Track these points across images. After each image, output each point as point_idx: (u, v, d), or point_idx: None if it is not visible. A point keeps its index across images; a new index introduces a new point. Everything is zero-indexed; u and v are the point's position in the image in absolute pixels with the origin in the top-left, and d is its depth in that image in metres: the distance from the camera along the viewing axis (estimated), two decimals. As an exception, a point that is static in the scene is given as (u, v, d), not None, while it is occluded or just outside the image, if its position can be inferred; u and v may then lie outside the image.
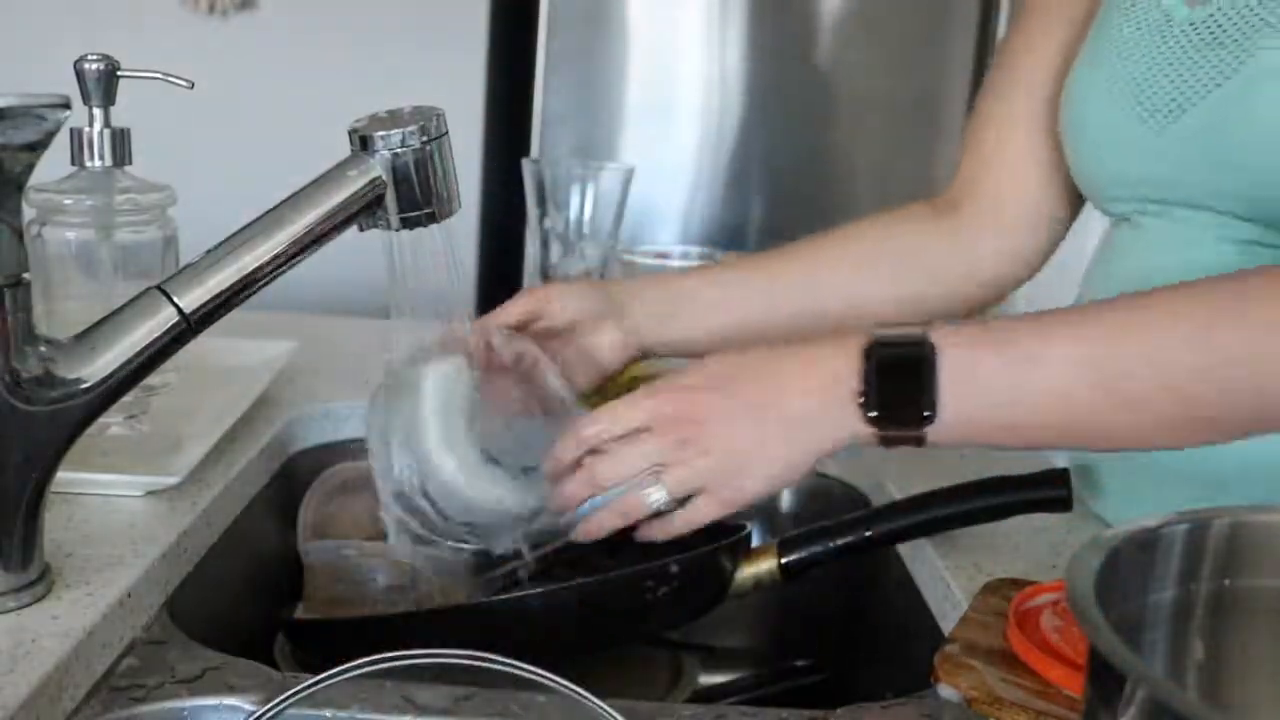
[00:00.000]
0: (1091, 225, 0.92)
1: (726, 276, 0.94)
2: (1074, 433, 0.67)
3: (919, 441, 0.66)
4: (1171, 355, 0.62)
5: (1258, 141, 0.71)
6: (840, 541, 0.78)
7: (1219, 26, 0.73)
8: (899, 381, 0.65)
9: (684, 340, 0.89)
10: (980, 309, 0.95)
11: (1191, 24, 0.75)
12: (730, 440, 0.69)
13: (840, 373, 0.66)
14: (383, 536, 0.97)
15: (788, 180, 2.21)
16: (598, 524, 0.75)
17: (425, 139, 0.72)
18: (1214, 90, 0.73)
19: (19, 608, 0.62)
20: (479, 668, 0.51)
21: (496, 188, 2.23)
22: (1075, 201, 0.91)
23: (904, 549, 0.85)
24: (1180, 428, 0.64)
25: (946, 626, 0.74)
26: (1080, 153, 0.84)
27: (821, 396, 0.67)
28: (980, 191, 0.93)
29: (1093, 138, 0.82)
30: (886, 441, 0.67)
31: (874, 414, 0.66)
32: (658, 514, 0.73)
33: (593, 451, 0.72)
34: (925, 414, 0.65)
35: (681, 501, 0.72)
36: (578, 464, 0.73)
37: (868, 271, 0.93)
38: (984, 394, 0.65)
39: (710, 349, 0.75)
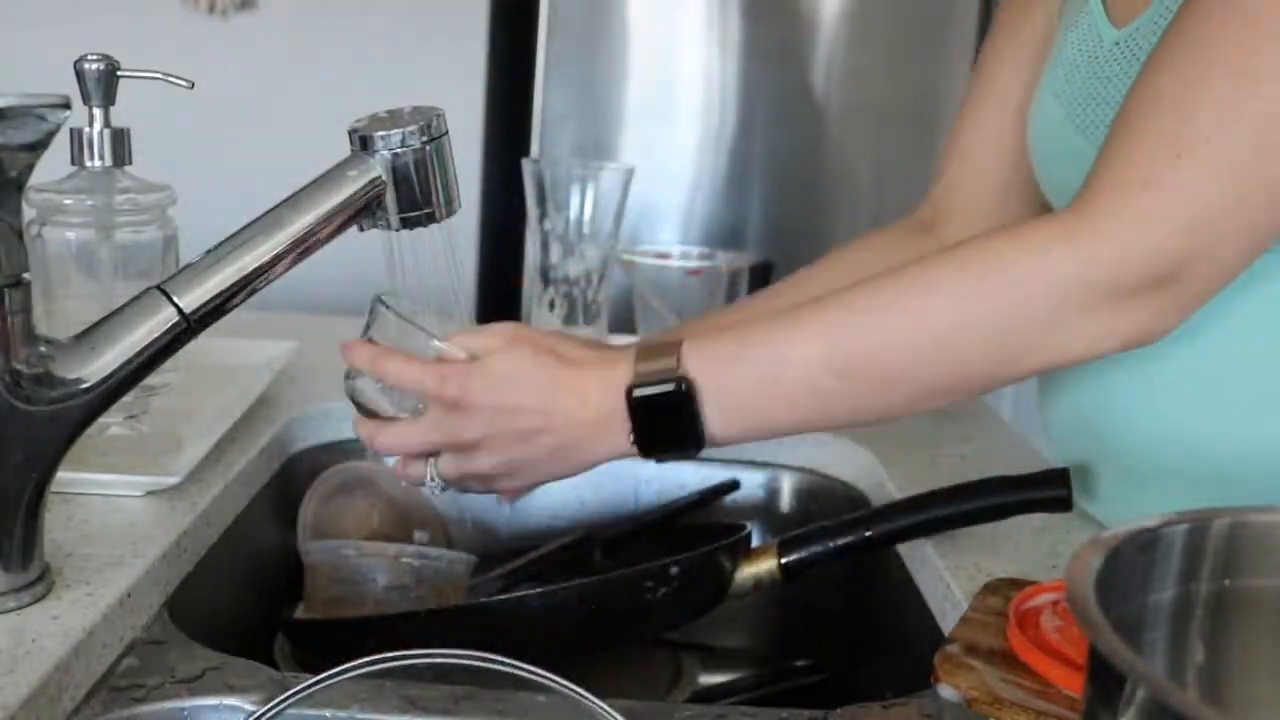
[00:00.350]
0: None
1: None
2: (831, 417, 0.73)
3: (690, 456, 0.73)
4: (902, 337, 0.68)
5: None
6: (840, 541, 0.78)
7: (1137, 45, 0.76)
8: (663, 425, 0.71)
9: None
10: None
11: (1117, 44, 0.78)
12: (509, 458, 0.74)
13: (610, 415, 0.72)
14: (383, 536, 0.97)
15: (787, 180, 2.21)
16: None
17: (425, 139, 0.72)
18: None
19: (19, 608, 0.62)
20: (479, 668, 0.51)
21: (496, 188, 2.23)
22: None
23: (904, 549, 0.85)
24: (923, 399, 0.71)
25: (946, 626, 0.74)
26: (1041, 171, 0.87)
27: (595, 431, 0.73)
28: (958, 205, 0.95)
29: (1050, 156, 0.85)
30: (658, 460, 0.74)
31: (647, 451, 0.72)
32: None
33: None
34: (693, 446, 0.72)
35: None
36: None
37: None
38: (741, 409, 0.71)
39: None
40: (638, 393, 0.70)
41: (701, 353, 0.71)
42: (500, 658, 0.50)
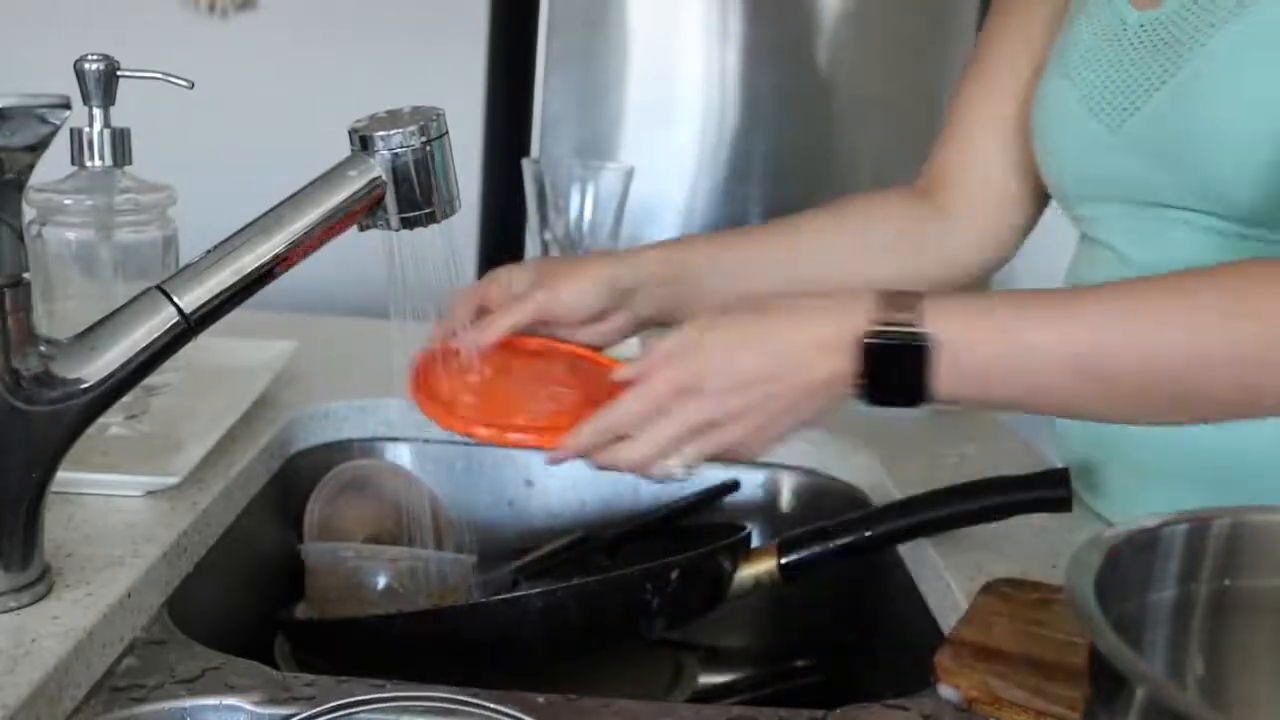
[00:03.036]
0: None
1: (729, 256, 0.93)
2: (1051, 408, 0.72)
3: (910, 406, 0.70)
4: (1155, 350, 0.65)
5: (1198, 136, 0.73)
6: (840, 542, 0.78)
7: (1165, 29, 0.76)
8: (895, 377, 0.68)
9: (685, 317, 0.89)
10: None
11: (1142, 26, 0.78)
12: (742, 425, 0.72)
13: (839, 368, 0.69)
14: (387, 535, 0.97)
15: (787, 180, 2.21)
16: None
17: (425, 139, 0.72)
18: (1160, 89, 0.76)
19: (19, 608, 0.62)
20: (477, 668, 0.51)
21: (496, 188, 2.23)
22: (1044, 192, 0.93)
23: (904, 549, 0.85)
24: (1157, 414, 0.69)
25: (946, 626, 0.74)
26: (1047, 156, 0.87)
27: (825, 387, 0.70)
28: (955, 178, 0.95)
29: (1057, 140, 0.85)
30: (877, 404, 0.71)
31: (870, 399, 0.70)
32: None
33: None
34: (916, 400, 0.69)
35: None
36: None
37: (858, 249, 0.95)
38: (973, 381, 0.68)
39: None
40: (877, 326, 0.68)
41: (948, 315, 0.68)
42: (481, 702, 0.50)
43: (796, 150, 2.20)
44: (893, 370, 0.68)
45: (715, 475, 1.02)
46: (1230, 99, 0.71)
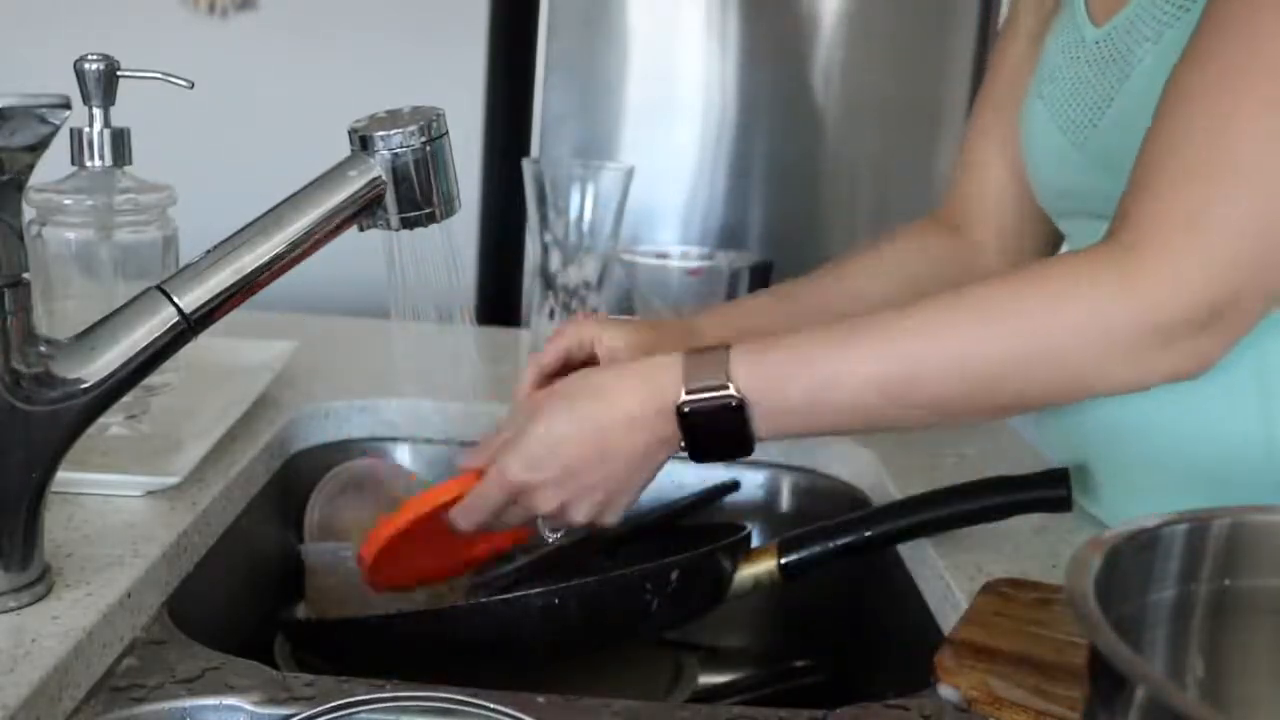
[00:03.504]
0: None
1: (772, 310, 0.95)
2: (875, 429, 0.78)
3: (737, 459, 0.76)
4: (954, 366, 0.69)
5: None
6: (840, 542, 0.78)
7: (1113, 44, 0.78)
8: (716, 440, 0.73)
9: None
10: None
11: (1097, 43, 0.79)
12: (587, 503, 0.77)
13: (664, 436, 0.74)
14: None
15: (788, 180, 2.21)
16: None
17: (425, 139, 0.72)
18: (1110, 104, 0.77)
19: (19, 608, 0.62)
20: (477, 668, 0.51)
21: (496, 188, 2.23)
22: None
23: (904, 549, 0.85)
24: (967, 420, 0.77)
25: (946, 626, 0.74)
26: (1031, 171, 0.88)
27: (649, 456, 0.75)
28: (974, 206, 0.96)
29: (1036, 157, 0.87)
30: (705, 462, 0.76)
31: (699, 459, 0.75)
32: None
33: None
34: (742, 451, 0.74)
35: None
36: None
37: (894, 291, 0.94)
38: (789, 420, 0.73)
39: None
40: (687, 408, 0.72)
41: (752, 367, 0.72)
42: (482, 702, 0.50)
43: (796, 150, 2.20)
44: (711, 431, 0.73)
45: (715, 475, 1.02)
46: None
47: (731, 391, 0.71)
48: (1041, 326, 0.67)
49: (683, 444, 0.74)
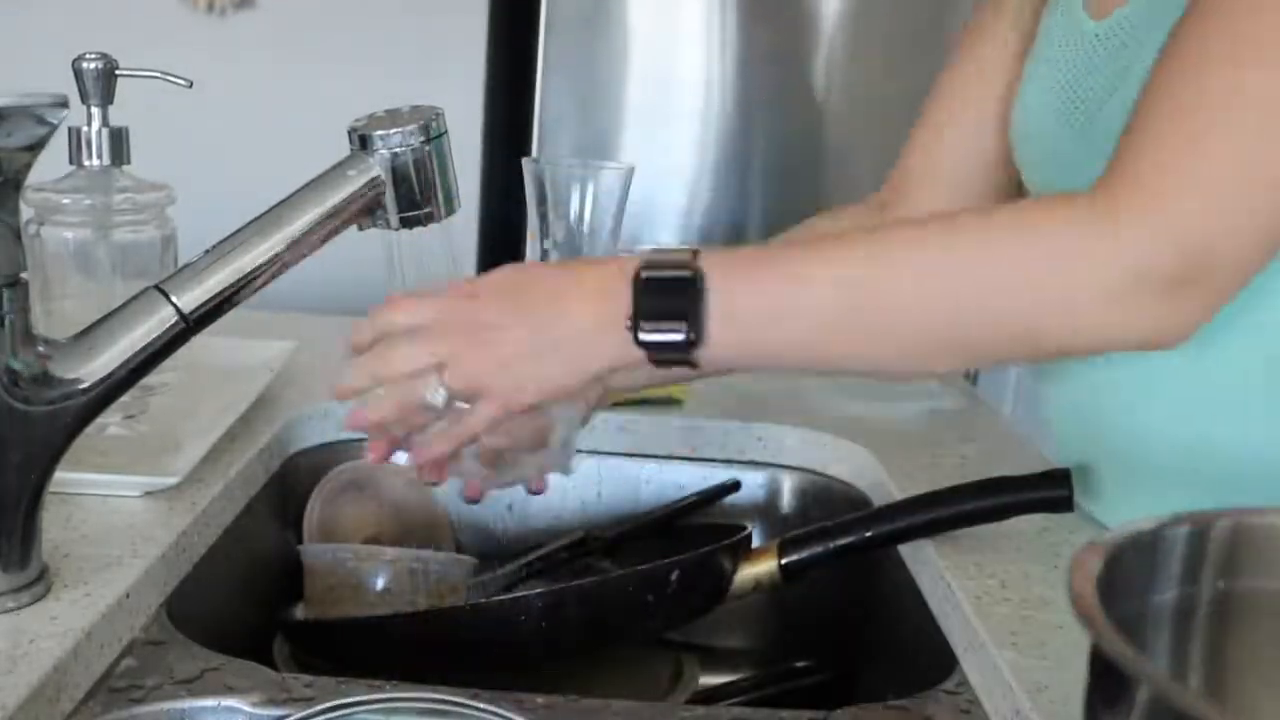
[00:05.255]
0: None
1: None
2: (830, 355, 0.70)
3: (690, 365, 0.69)
4: (918, 279, 0.66)
5: None
6: (840, 542, 0.78)
7: (1114, 37, 0.78)
8: (666, 307, 0.67)
9: None
10: None
11: (1097, 35, 0.79)
12: (510, 345, 0.69)
13: (613, 295, 0.68)
14: (387, 536, 0.97)
15: (787, 180, 2.21)
16: (376, 410, 0.73)
17: (425, 139, 0.72)
18: (1113, 95, 0.77)
19: (17, 608, 0.62)
20: (478, 669, 0.51)
21: (496, 188, 2.23)
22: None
23: (904, 549, 0.85)
24: (924, 353, 0.69)
25: (946, 626, 0.74)
26: (1025, 161, 0.88)
27: (596, 318, 0.69)
28: (916, 190, 0.96)
29: (1034, 149, 0.86)
30: (657, 363, 0.69)
31: (641, 338, 0.67)
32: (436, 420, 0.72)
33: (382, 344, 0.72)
34: (690, 343, 0.67)
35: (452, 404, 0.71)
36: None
37: None
38: (748, 319, 0.67)
39: None
40: (646, 273, 0.68)
41: (719, 256, 0.68)
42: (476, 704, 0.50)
43: (796, 150, 2.20)
44: (664, 304, 0.67)
45: (716, 475, 1.02)
46: None
47: (697, 265, 0.67)
48: (1009, 252, 0.65)
49: (629, 319, 0.67)
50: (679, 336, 0.67)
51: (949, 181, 0.94)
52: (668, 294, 0.67)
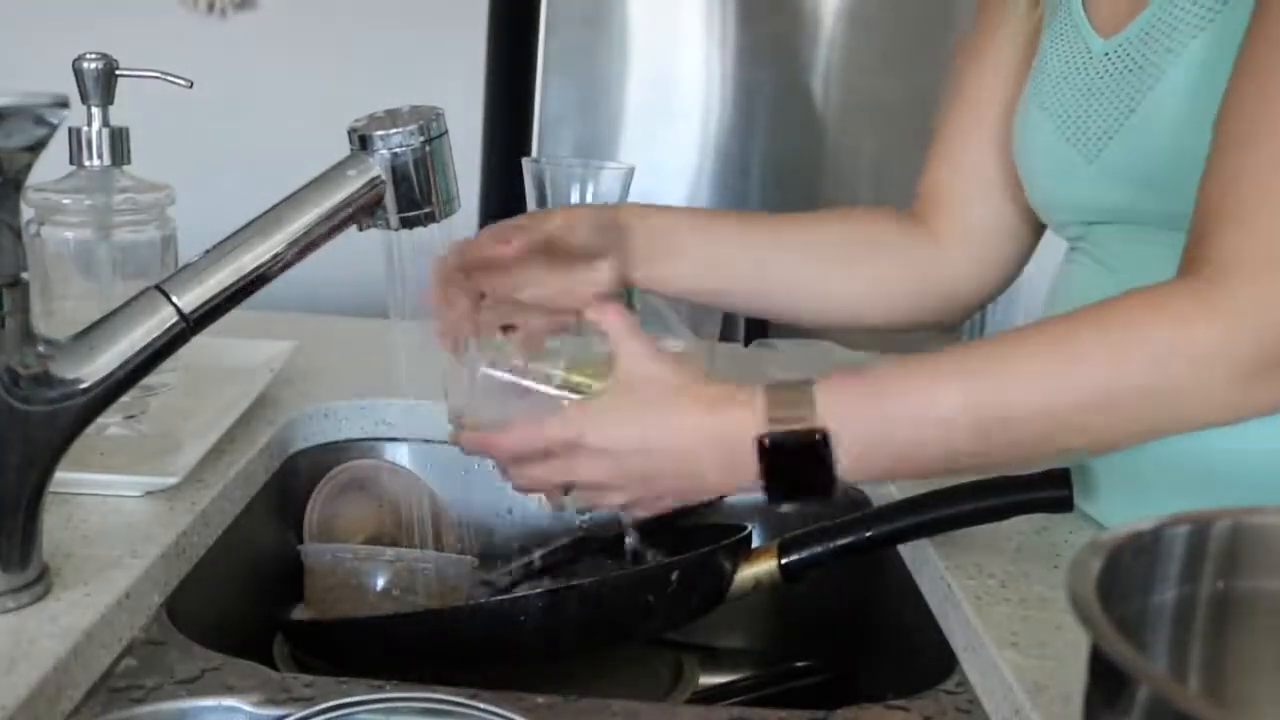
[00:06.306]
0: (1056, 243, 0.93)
1: (717, 231, 0.95)
2: (960, 467, 0.73)
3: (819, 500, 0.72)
4: (1043, 404, 0.66)
5: (1170, 160, 0.74)
6: (840, 542, 0.78)
7: (1129, 55, 0.76)
8: (795, 478, 0.69)
9: (661, 280, 0.94)
10: (950, 325, 0.98)
11: (1106, 54, 0.78)
12: (671, 497, 0.74)
13: (740, 466, 0.69)
14: (387, 536, 0.97)
15: (788, 180, 2.21)
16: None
17: (424, 139, 0.72)
18: (1130, 116, 0.76)
19: (18, 608, 0.62)
20: (477, 669, 0.51)
21: (496, 188, 2.23)
22: (1038, 219, 0.93)
23: (905, 549, 0.85)
24: (1054, 457, 0.74)
25: (947, 626, 0.74)
26: (1030, 182, 0.87)
27: (731, 482, 0.72)
28: (946, 206, 0.95)
29: (1039, 168, 0.85)
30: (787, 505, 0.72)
31: (775, 500, 0.71)
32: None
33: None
34: (823, 491, 0.69)
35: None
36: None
37: (841, 258, 0.96)
38: (876, 459, 0.69)
39: (681, 291, 0.92)
40: (772, 427, 0.68)
41: (838, 401, 0.69)
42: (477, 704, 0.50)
43: (796, 150, 2.20)
44: (794, 468, 0.69)
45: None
46: (1196, 121, 0.71)
47: (818, 423, 0.68)
48: (1127, 361, 0.65)
49: (761, 483, 0.70)
50: (810, 495, 0.70)
51: (986, 193, 0.93)
52: (794, 464, 0.68)
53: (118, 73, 0.82)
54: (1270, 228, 0.63)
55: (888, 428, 0.68)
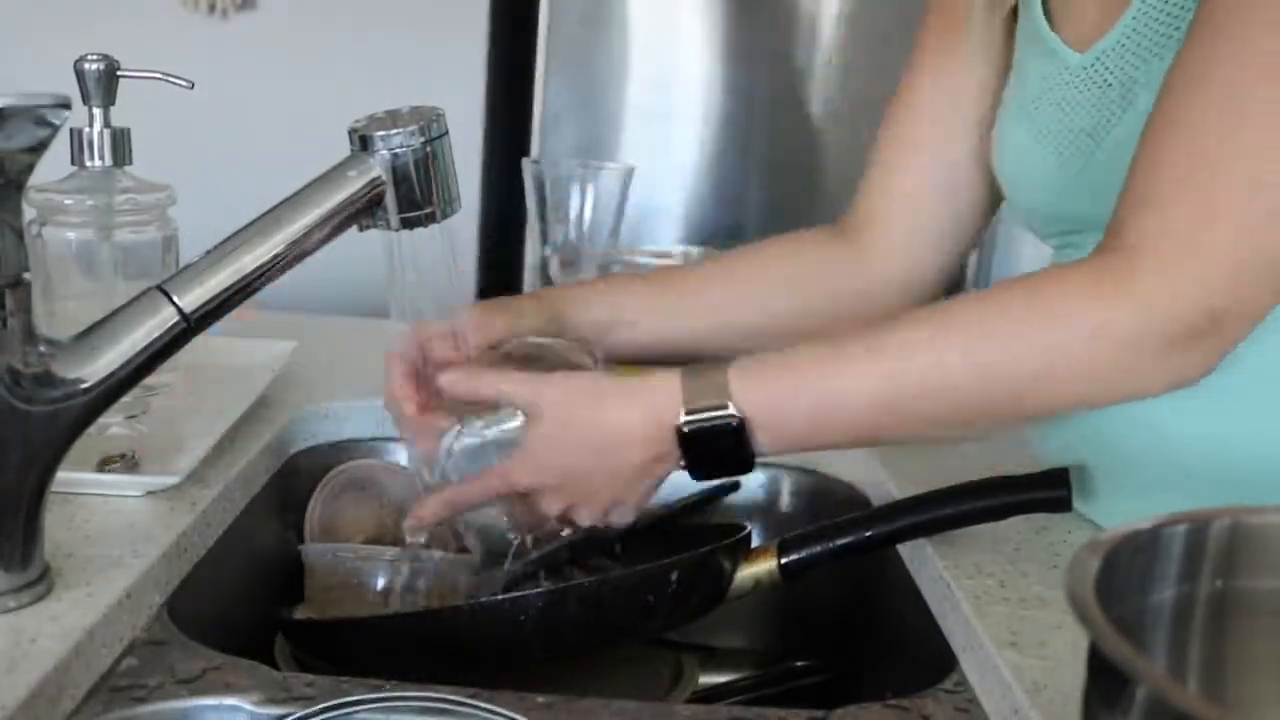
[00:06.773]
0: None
1: (649, 299, 0.96)
2: (879, 441, 0.81)
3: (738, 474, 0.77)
4: (953, 378, 0.70)
5: None
6: (840, 542, 0.78)
7: (1105, 69, 0.77)
8: (714, 461, 0.74)
9: (618, 348, 0.94)
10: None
11: (1084, 68, 0.79)
12: (605, 492, 0.77)
13: (663, 455, 0.74)
14: (388, 535, 0.97)
15: (787, 180, 2.21)
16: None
17: (425, 139, 0.72)
18: (1114, 129, 0.77)
19: (19, 607, 0.62)
20: (477, 668, 0.51)
21: (496, 188, 2.23)
22: (972, 229, 0.95)
23: (904, 549, 0.85)
24: (971, 429, 0.76)
25: (946, 626, 0.74)
26: (1016, 196, 0.88)
27: (646, 470, 0.75)
28: (880, 216, 0.96)
29: (1023, 184, 0.86)
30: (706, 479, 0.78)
31: (699, 477, 0.76)
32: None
33: None
34: (744, 468, 0.74)
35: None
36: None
37: (776, 291, 0.97)
38: (792, 437, 0.74)
39: (636, 357, 0.92)
40: (689, 428, 0.72)
41: (753, 385, 0.72)
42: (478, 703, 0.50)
43: (795, 150, 2.20)
44: (712, 450, 0.73)
45: (715, 475, 1.02)
46: None
47: (732, 411, 0.72)
48: (1038, 338, 0.68)
49: (682, 462, 0.74)
50: (729, 472, 0.75)
51: (918, 206, 0.94)
52: (713, 447, 0.73)
53: (119, 74, 0.82)
54: (1184, 216, 0.66)
55: (803, 409, 0.72)
